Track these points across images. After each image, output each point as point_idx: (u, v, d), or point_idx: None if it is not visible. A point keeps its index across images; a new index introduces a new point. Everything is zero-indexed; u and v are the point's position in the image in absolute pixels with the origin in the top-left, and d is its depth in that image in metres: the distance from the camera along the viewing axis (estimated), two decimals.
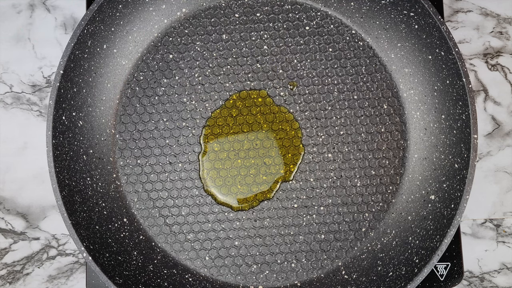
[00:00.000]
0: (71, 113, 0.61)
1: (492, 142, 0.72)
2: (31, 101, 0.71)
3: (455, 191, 0.58)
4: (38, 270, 0.70)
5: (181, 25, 0.66)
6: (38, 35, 0.72)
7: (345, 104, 0.65)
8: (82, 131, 0.62)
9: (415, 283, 0.56)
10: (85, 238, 0.57)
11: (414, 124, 0.65)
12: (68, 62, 0.58)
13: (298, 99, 0.65)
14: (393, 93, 0.65)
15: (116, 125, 0.65)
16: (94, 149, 0.63)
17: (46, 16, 0.72)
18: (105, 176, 0.63)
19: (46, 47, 0.71)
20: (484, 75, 0.73)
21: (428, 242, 0.58)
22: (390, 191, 0.64)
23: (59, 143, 0.58)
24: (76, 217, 0.57)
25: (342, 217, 0.64)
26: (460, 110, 0.59)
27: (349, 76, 0.66)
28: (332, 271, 0.63)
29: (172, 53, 0.66)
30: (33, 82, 0.71)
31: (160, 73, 0.66)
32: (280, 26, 0.66)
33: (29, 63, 0.71)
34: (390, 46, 0.65)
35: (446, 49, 0.59)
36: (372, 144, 0.65)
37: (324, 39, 0.66)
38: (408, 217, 0.63)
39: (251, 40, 0.66)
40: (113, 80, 0.65)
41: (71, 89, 0.60)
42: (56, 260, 0.70)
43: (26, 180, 0.70)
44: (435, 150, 0.62)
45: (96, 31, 0.61)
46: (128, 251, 0.61)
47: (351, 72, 0.66)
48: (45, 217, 0.70)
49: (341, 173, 0.65)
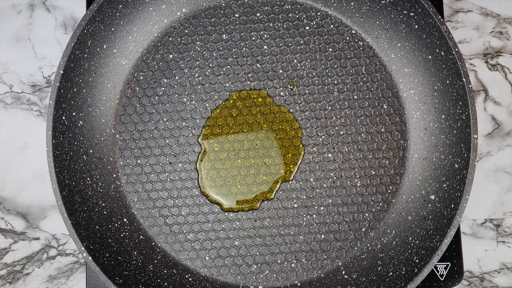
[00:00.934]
0: (71, 113, 0.60)
1: (492, 142, 0.72)
2: (31, 101, 0.71)
3: (455, 191, 0.58)
4: (38, 270, 0.70)
5: (181, 25, 0.66)
6: (38, 35, 0.72)
7: (345, 104, 0.65)
8: (82, 131, 0.62)
9: (415, 283, 0.56)
10: (85, 238, 0.57)
11: (414, 124, 0.65)
12: (68, 62, 0.58)
13: (298, 99, 0.65)
14: (393, 93, 0.65)
15: (116, 125, 0.65)
16: (94, 149, 0.63)
17: (46, 16, 0.72)
18: (105, 176, 0.63)
19: (46, 47, 0.71)
20: (484, 75, 0.72)
21: (428, 242, 0.58)
22: (390, 191, 0.64)
23: (59, 143, 0.58)
24: (76, 217, 0.57)
25: (342, 217, 0.64)
26: (460, 110, 0.59)
27: (349, 76, 0.65)
28: (332, 271, 0.63)
29: (172, 53, 0.66)
30: (33, 82, 0.71)
31: (160, 73, 0.65)
32: (280, 26, 0.66)
33: (29, 63, 0.71)
34: (390, 46, 0.65)
35: (446, 49, 0.59)
36: (372, 144, 0.65)
37: (324, 39, 0.66)
38: (408, 217, 0.63)
39: (251, 40, 0.66)
40: (113, 80, 0.65)
41: (71, 89, 0.60)
42: (56, 260, 0.70)
43: (26, 180, 0.70)
44: (435, 150, 0.62)
45: (96, 31, 0.61)
46: (128, 251, 0.61)
47: (351, 72, 0.65)
48: (45, 217, 0.70)
49: (341, 173, 0.65)
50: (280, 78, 0.66)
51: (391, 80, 0.65)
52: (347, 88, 0.65)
